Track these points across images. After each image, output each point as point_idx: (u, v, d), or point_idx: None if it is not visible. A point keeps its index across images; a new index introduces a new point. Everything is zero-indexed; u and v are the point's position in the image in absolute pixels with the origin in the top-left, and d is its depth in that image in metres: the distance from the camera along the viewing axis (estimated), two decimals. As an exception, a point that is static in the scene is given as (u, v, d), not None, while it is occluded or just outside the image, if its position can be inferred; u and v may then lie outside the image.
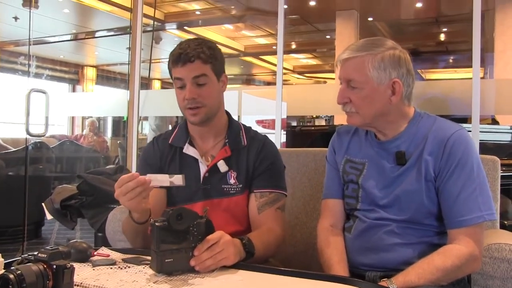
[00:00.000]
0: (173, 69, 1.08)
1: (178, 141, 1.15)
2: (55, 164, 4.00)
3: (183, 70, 1.05)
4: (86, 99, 3.61)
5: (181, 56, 1.05)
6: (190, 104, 1.06)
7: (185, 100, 1.07)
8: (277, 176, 1.13)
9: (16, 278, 0.62)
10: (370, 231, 1.01)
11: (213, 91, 1.09)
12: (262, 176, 1.11)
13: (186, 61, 1.04)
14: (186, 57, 1.04)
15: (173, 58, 1.06)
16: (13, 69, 7.43)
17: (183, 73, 1.06)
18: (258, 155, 1.12)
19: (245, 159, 1.12)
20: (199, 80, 1.06)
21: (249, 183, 1.11)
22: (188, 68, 1.05)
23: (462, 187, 0.93)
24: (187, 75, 1.06)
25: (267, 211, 1.09)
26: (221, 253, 0.85)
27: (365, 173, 1.03)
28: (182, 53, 1.05)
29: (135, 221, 0.97)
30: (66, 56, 9.23)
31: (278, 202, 1.11)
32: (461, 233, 0.92)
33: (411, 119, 1.01)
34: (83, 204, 2.00)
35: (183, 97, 1.07)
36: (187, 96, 1.06)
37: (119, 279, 0.80)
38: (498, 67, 5.34)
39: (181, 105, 1.09)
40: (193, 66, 1.05)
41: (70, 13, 6.70)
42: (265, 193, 1.10)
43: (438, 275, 0.89)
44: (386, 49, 0.97)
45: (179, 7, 6.68)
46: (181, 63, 1.05)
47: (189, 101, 1.06)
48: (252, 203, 1.10)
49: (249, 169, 1.11)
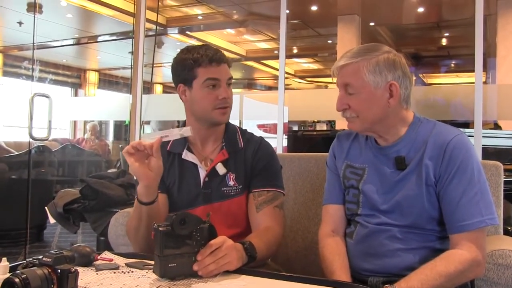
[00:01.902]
0: (205, 69, 1.08)
1: (176, 147, 1.16)
2: (57, 168, 4.02)
3: (220, 70, 1.09)
4: (88, 103, 3.63)
5: (215, 57, 1.08)
6: (224, 104, 1.10)
7: (217, 100, 1.09)
8: (273, 175, 1.14)
9: (22, 282, 0.62)
10: (372, 236, 1.01)
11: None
12: (259, 176, 1.12)
13: (221, 61, 1.09)
14: (220, 58, 1.09)
15: (208, 58, 1.08)
16: (16, 73, 7.48)
17: (220, 73, 1.09)
18: (255, 155, 1.14)
19: (243, 160, 1.13)
20: (230, 81, 1.12)
21: (248, 183, 1.12)
22: (224, 69, 1.10)
23: (463, 192, 0.93)
24: (224, 76, 1.10)
25: (265, 209, 1.10)
26: (224, 258, 0.85)
27: (366, 178, 1.04)
28: (214, 54, 1.08)
29: (143, 202, 0.98)
30: (68, 60, 9.29)
31: (276, 200, 1.12)
32: (463, 238, 0.92)
33: (410, 124, 1.01)
34: (85, 208, 2.01)
35: (215, 97, 1.09)
36: (223, 95, 1.09)
37: (122, 283, 0.81)
38: (500, 72, 5.34)
39: (211, 105, 1.09)
40: (226, 67, 1.11)
41: (73, 18, 6.75)
42: (263, 192, 1.11)
43: (441, 280, 0.89)
44: (381, 53, 0.98)
45: (181, 12, 6.72)
46: (216, 63, 1.08)
47: (223, 101, 1.09)
48: (250, 203, 1.11)
49: (247, 170, 1.13)
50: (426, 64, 9.05)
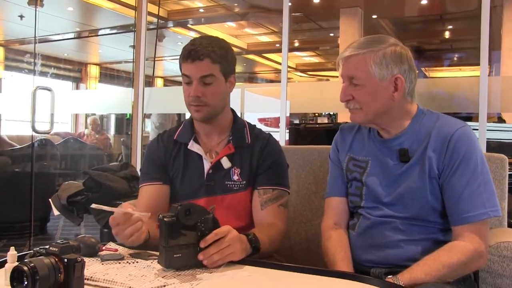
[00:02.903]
0: (183, 64, 1.08)
1: (183, 137, 1.16)
2: (59, 161, 4.03)
3: (192, 68, 1.06)
4: (89, 96, 3.63)
5: (191, 53, 1.05)
6: (194, 102, 1.08)
7: (189, 97, 1.08)
8: (280, 173, 1.14)
9: (30, 270, 0.63)
10: (374, 228, 1.01)
11: (218, 91, 1.09)
12: (266, 173, 1.12)
13: (196, 58, 1.05)
14: (196, 54, 1.04)
15: (184, 54, 1.07)
16: (18, 67, 7.47)
17: (191, 71, 1.06)
18: (262, 152, 1.13)
19: (249, 156, 1.12)
20: (206, 80, 1.06)
21: (252, 180, 1.12)
22: (197, 66, 1.05)
23: (466, 183, 0.93)
24: (195, 73, 1.06)
25: (270, 207, 1.10)
26: (228, 248, 0.86)
27: (369, 170, 1.04)
28: (192, 50, 1.05)
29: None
30: (70, 54, 9.27)
31: (281, 199, 1.12)
32: (466, 230, 0.92)
33: (414, 116, 1.01)
34: (89, 200, 2.02)
35: (188, 93, 1.08)
36: (191, 93, 1.07)
37: (127, 273, 0.81)
38: (505, 65, 5.29)
39: (186, 100, 1.10)
40: (202, 64, 1.05)
41: (74, 11, 6.72)
42: (268, 190, 1.11)
43: (444, 271, 0.89)
44: (388, 45, 0.97)
45: (182, 5, 6.68)
46: (191, 60, 1.05)
47: (193, 99, 1.07)
48: (255, 200, 1.11)
49: (253, 166, 1.12)
50: (429, 57, 8.99)
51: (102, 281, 0.78)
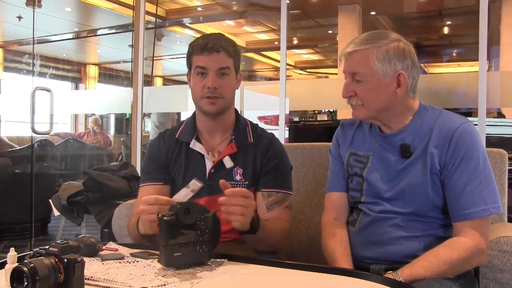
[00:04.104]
0: (197, 57, 1.08)
1: (185, 136, 1.15)
2: (59, 162, 4.03)
3: (209, 59, 1.07)
4: (89, 97, 3.62)
5: (208, 45, 1.06)
6: (210, 93, 1.07)
7: (204, 89, 1.07)
8: (284, 175, 1.14)
9: (30, 271, 0.63)
10: (375, 224, 1.01)
11: (232, 84, 1.11)
12: (270, 175, 1.11)
13: (213, 50, 1.06)
14: (213, 47, 1.06)
15: (199, 47, 1.07)
16: (17, 68, 7.46)
17: (208, 62, 1.07)
18: (266, 152, 1.12)
19: (252, 156, 1.12)
20: (223, 71, 1.08)
21: (256, 180, 1.12)
22: (214, 58, 1.07)
23: (467, 180, 0.93)
24: (212, 65, 1.07)
25: (276, 210, 1.10)
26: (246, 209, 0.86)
27: (370, 166, 1.03)
28: (209, 42, 1.06)
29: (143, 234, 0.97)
30: (68, 54, 9.25)
31: (286, 201, 1.12)
32: (467, 226, 0.92)
33: (416, 112, 1.00)
34: (89, 200, 2.02)
35: (202, 86, 1.08)
36: (209, 84, 1.06)
37: (128, 273, 0.82)
38: (504, 59, 5.28)
39: (199, 93, 1.09)
40: (219, 57, 1.07)
41: (72, 12, 6.70)
42: (272, 193, 1.11)
43: (445, 267, 0.89)
44: (391, 41, 0.97)
45: (180, 3, 6.66)
46: (207, 52, 1.06)
47: (210, 90, 1.07)
48: (260, 202, 1.11)
49: (256, 166, 1.12)
50: (428, 53, 8.97)
51: (102, 280, 0.78)
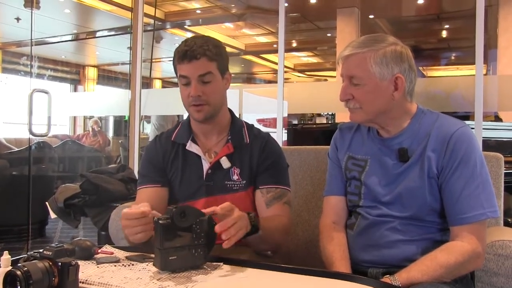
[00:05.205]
0: (179, 66, 1.08)
1: (181, 138, 1.15)
2: (57, 164, 4.02)
3: (189, 68, 1.06)
4: (87, 98, 3.62)
5: (187, 53, 1.04)
6: (195, 101, 1.07)
7: (189, 97, 1.07)
8: (281, 172, 1.14)
9: (23, 274, 0.63)
10: (373, 228, 1.01)
11: (217, 89, 1.10)
12: (267, 172, 1.12)
13: (192, 58, 1.04)
14: (192, 54, 1.04)
15: (179, 55, 1.06)
16: (15, 69, 7.45)
17: (189, 71, 1.06)
18: (262, 152, 1.13)
19: (248, 156, 1.12)
20: (205, 78, 1.06)
21: (253, 179, 1.12)
22: (194, 66, 1.05)
23: (464, 184, 0.93)
24: (193, 73, 1.06)
25: (275, 205, 1.10)
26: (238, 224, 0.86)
27: (368, 170, 1.03)
28: (188, 50, 1.04)
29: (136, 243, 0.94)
30: (67, 56, 9.25)
31: (285, 197, 1.12)
32: (464, 230, 0.92)
33: (413, 116, 1.01)
34: (86, 203, 2.01)
35: (187, 94, 1.08)
36: (192, 93, 1.06)
37: (123, 276, 0.81)
38: (501, 63, 5.30)
39: (186, 101, 1.10)
40: (199, 63, 1.05)
41: (71, 13, 6.71)
42: (271, 189, 1.11)
43: (441, 271, 0.89)
44: (388, 44, 0.97)
45: (179, 6, 6.68)
46: (187, 60, 1.05)
47: (194, 98, 1.06)
48: (259, 199, 1.11)
49: (253, 166, 1.12)
50: (426, 57, 9.00)
51: (97, 284, 0.77)
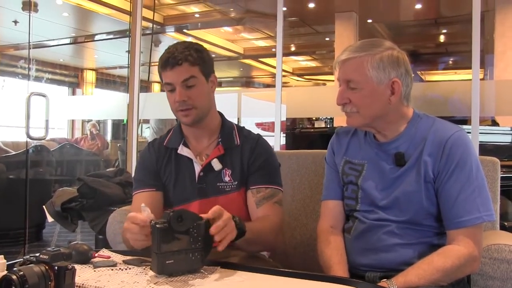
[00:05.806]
0: (163, 73, 1.10)
1: (173, 142, 1.17)
2: (55, 167, 4.01)
3: (172, 74, 1.08)
4: (86, 102, 3.62)
5: (169, 60, 1.07)
6: (181, 106, 1.09)
7: (176, 103, 1.09)
8: (272, 172, 1.15)
9: (19, 279, 0.62)
10: (370, 232, 1.01)
11: (202, 92, 1.11)
12: (258, 173, 1.13)
13: (174, 64, 1.07)
14: (174, 60, 1.06)
15: (162, 63, 1.09)
16: (13, 72, 7.44)
17: (172, 77, 1.08)
18: (252, 152, 1.14)
19: (239, 157, 1.13)
20: (188, 83, 1.08)
21: (244, 180, 1.13)
22: (177, 72, 1.07)
23: (461, 188, 0.93)
24: (176, 79, 1.08)
25: (265, 205, 1.10)
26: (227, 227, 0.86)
27: (365, 174, 1.04)
28: (169, 57, 1.07)
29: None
30: (65, 59, 9.25)
31: (275, 196, 1.13)
32: (460, 234, 0.93)
33: (410, 120, 1.01)
34: (83, 206, 2.01)
35: (173, 100, 1.10)
36: (177, 98, 1.08)
37: (120, 280, 0.81)
38: (498, 68, 5.33)
39: (173, 107, 1.12)
40: (181, 69, 1.07)
41: (69, 17, 6.72)
42: (261, 189, 1.12)
43: (438, 275, 0.89)
44: (385, 49, 0.98)
45: (178, 10, 6.70)
46: (170, 67, 1.07)
47: (180, 103, 1.08)
48: (250, 199, 1.12)
49: (244, 167, 1.13)
50: (424, 61, 9.05)
51: (93, 288, 0.77)
